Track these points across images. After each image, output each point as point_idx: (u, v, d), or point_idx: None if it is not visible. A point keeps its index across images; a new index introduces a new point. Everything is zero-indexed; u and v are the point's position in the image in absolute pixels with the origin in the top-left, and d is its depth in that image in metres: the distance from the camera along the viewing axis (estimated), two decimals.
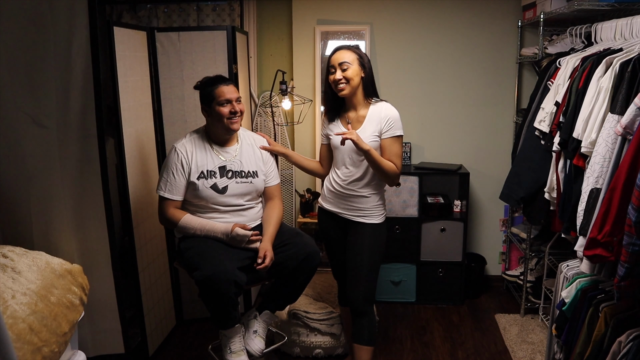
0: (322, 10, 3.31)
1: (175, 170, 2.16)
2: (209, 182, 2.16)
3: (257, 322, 2.28)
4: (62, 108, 2.05)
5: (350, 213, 2.21)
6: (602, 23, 2.28)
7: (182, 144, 2.20)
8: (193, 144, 2.20)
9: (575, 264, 2.24)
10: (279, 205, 2.32)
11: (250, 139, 2.33)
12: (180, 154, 2.17)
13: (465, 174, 3.21)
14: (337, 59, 2.12)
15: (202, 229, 2.15)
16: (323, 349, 2.67)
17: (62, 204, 2.11)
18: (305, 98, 3.24)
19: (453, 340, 2.87)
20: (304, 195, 3.40)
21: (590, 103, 1.88)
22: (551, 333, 2.25)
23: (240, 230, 2.13)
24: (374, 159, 2.05)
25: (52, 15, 1.98)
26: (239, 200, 2.22)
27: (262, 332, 2.28)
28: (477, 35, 3.28)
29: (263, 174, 2.28)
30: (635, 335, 1.63)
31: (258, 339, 2.24)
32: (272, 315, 2.34)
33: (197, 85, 2.21)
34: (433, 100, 3.39)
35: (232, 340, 2.13)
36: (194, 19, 3.28)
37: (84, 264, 2.08)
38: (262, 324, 2.29)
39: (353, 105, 2.19)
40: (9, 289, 1.61)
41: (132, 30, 2.50)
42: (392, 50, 3.33)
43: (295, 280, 2.23)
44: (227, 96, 2.13)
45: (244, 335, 2.23)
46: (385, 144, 2.13)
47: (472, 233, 3.51)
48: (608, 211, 1.59)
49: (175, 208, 2.19)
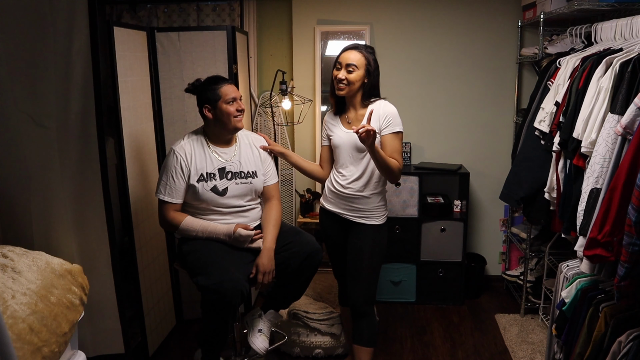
0: (322, 10, 3.31)
1: (174, 173, 2.14)
2: (209, 185, 2.15)
3: (262, 321, 2.28)
4: (62, 108, 2.05)
5: (351, 214, 2.21)
6: (602, 23, 2.28)
7: (180, 146, 2.17)
8: (192, 146, 2.18)
9: (575, 264, 2.24)
10: (277, 206, 2.31)
11: (249, 138, 2.32)
12: (180, 157, 2.14)
13: (465, 174, 3.21)
14: (346, 59, 2.11)
15: (204, 231, 2.14)
16: (323, 349, 2.67)
17: (62, 204, 2.11)
18: (305, 98, 3.24)
19: (453, 340, 2.87)
20: (304, 195, 3.41)
21: (590, 103, 1.88)
22: (551, 333, 2.25)
23: (243, 231, 2.12)
24: (379, 154, 2.01)
25: (52, 15, 1.98)
26: (239, 201, 2.22)
27: (267, 331, 2.27)
28: (477, 35, 3.28)
29: (262, 174, 2.28)
30: (635, 335, 1.63)
31: (262, 338, 2.23)
32: (277, 315, 2.34)
33: (190, 88, 2.19)
34: (433, 100, 3.39)
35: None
36: (194, 19, 3.28)
37: (84, 264, 2.08)
38: (266, 323, 2.29)
39: (352, 105, 2.19)
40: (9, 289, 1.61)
41: (132, 30, 2.50)
42: (392, 50, 3.33)
43: (299, 278, 2.23)
44: (232, 95, 2.14)
45: (247, 334, 2.23)
46: (385, 141, 2.12)
47: (472, 233, 3.51)
48: (608, 211, 1.59)
49: (175, 211, 2.18)
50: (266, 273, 2.12)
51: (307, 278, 2.27)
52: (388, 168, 2.06)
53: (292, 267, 2.17)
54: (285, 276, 2.21)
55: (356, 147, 2.13)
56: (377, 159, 2.02)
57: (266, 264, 2.13)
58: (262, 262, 2.12)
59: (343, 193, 2.20)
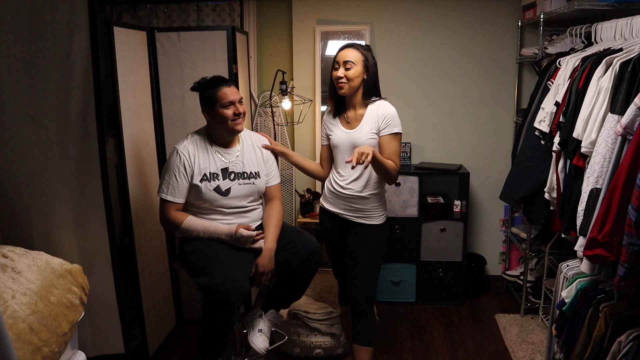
0: (322, 10, 3.31)
1: (177, 172, 2.13)
2: (212, 185, 2.15)
3: (263, 321, 2.28)
4: (62, 108, 2.05)
5: (351, 214, 2.21)
6: (602, 23, 2.28)
7: (184, 145, 2.16)
8: (195, 146, 2.16)
9: (575, 264, 2.24)
10: (278, 207, 2.30)
11: (252, 139, 2.32)
12: (183, 157, 2.13)
13: (465, 174, 3.21)
14: (343, 57, 2.11)
15: (205, 231, 2.13)
16: (323, 349, 2.67)
17: (62, 204, 2.11)
18: (305, 98, 3.24)
19: (453, 340, 2.87)
20: (304, 195, 3.41)
21: (590, 103, 1.88)
22: (551, 333, 2.25)
23: (245, 232, 2.12)
24: (379, 161, 2.02)
25: (52, 15, 1.98)
26: (242, 202, 2.21)
27: (267, 331, 2.27)
28: (477, 35, 3.28)
29: (265, 175, 2.27)
30: (635, 335, 1.63)
31: (263, 337, 2.23)
32: (277, 315, 2.34)
33: (195, 86, 2.18)
34: (433, 100, 3.39)
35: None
36: (194, 19, 3.28)
37: (84, 264, 2.08)
38: (267, 323, 2.29)
39: (352, 104, 2.19)
40: (9, 289, 1.61)
41: (132, 30, 2.50)
42: (392, 50, 3.33)
43: (299, 278, 2.23)
44: (230, 98, 2.10)
45: (247, 334, 2.23)
46: (384, 142, 2.12)
47: (472, 233, 3.51)
48: (608, 211, 1.59)
49: (177, 210, 2.17)
50: (265, 273, 2.13)
51: (308, 278, 2.26)
52: (386, 172, 2.07)
53: (293, 266, 2.17)
54: (285, 276, 2.22)
55: (354, 147, 2.13)
56: (377, 165, 2.04)
57: (266, 265, 2.13)
58: (262, 263, 2.13)
59: (342, 193, 2.20)
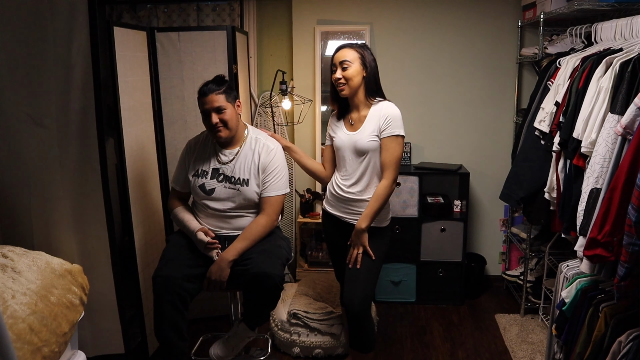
0: (322, 10, 3.31)
1: (181, 162, 2.27)
2: (199, 182, 2.19)
3: (235, 329, 2.29)
4: (62, 108, 2.05)
5: (352, 217, 2.19)
6: (602, 23, 2.28)
7: (193, 139, 2.30)
8: (199, 141, 2.28)
9: (575, 264, 2.24)
10: (262, 221, 2.16)
11: (258, 144, 2.20)
12: (187, 149, 2.27)
13: (465, 174, 3.21)
14: (339, 58, 2.10)
15: (182, 225, 2.22)
16: (323, 349, 2.67)
17: (62, 204, 2.11)
18: (305, 98, 3.24)
19: (453, 340, 2.87)
20: (304, 195, 3.40)
21: (590, 103, 1.88)
22: (551, 333, 2.25)
23: (200, 234, 2.12)
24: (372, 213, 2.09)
25: (52, 15, 1.98)
26: (224, 205, 2.17)
27: (234, 340, 2.25)
28: (477, 35, 3.28)
29: (256, 184, 2.17)
30: (635, 335, 1.63)
31: (222, 345, 2.24)
32: (246, 329, 2.25)
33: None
34: (433, 100, 3.39)
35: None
36: (194, 19, 3.28)
37: (84, 264, 2.08)
38: (236, 334, 2.27)
39: (355, 106, 2.16)
40: (9, 289, 1.61)
41: (132, 30, 2.50)
42: (392, 50, 3.33)
43: (251, 298, 2.12)
44: (205, 107, 2.09)
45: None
46: (384, 144, 2.09)
47: (472, 233, 3.51)
48: (608, 211, 1.59)
49: (177, 199, 2.30)
50: (212, 281, 2.08)
51: (257, 300, 2.10)
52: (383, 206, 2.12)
53: (243, 284, 2.08)
54: (245, 292, 2.15)
55: (355, 150, 2.12)
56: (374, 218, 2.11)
57: (213, 272, 2.08)
58: (210, 270, 2.09)
59: (343, 197, 2.19)
